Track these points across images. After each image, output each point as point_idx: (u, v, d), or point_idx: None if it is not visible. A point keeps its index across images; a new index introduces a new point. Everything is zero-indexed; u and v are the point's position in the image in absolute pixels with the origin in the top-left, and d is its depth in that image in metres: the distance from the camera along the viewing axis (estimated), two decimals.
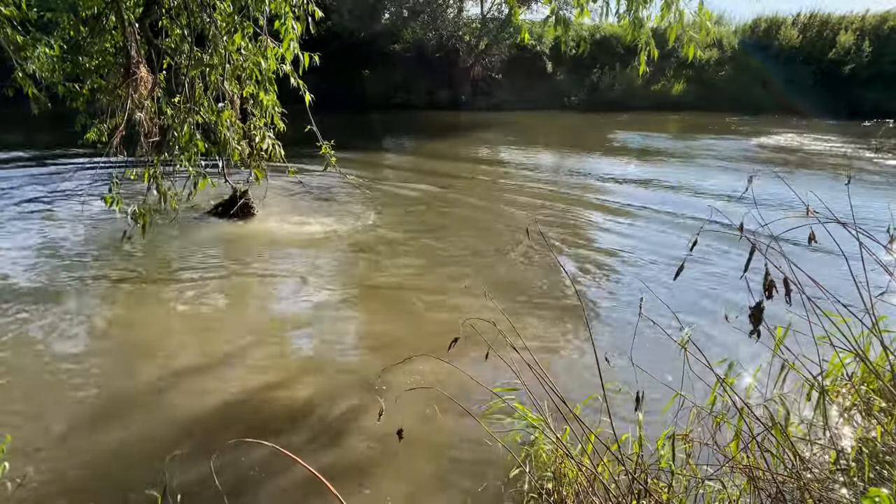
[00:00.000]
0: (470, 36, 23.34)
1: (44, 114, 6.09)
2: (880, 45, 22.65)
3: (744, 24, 25.58)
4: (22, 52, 5.70)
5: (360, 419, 3.50)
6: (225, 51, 5.01)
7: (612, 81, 23.47)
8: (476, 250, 6.64)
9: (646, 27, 4.07)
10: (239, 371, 4.04)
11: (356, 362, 4.26)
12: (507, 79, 23.58)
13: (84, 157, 10.83)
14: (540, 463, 2.82)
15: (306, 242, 6.81)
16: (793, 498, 2.08)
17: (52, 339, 4.41)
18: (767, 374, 2.75)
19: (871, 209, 8.17)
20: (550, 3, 4.21)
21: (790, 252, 2.17)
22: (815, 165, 12.34)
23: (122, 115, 4.76)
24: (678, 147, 15.09)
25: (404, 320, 4.92)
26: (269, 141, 5.69)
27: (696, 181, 10.60)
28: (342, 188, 9.48)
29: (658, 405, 2.91)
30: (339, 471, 3.07)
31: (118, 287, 5.42)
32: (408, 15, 23.79)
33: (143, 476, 2.89)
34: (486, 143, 15.61)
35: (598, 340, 4.50)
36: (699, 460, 2.48)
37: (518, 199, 9.20)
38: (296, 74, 4.98)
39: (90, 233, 6.89)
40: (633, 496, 2.19)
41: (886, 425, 2.33)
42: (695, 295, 5.33)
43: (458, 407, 2.48)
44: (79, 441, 3.29)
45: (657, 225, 7.75)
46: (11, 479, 2.73)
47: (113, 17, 5.42)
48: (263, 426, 3.44)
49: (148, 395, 3.74)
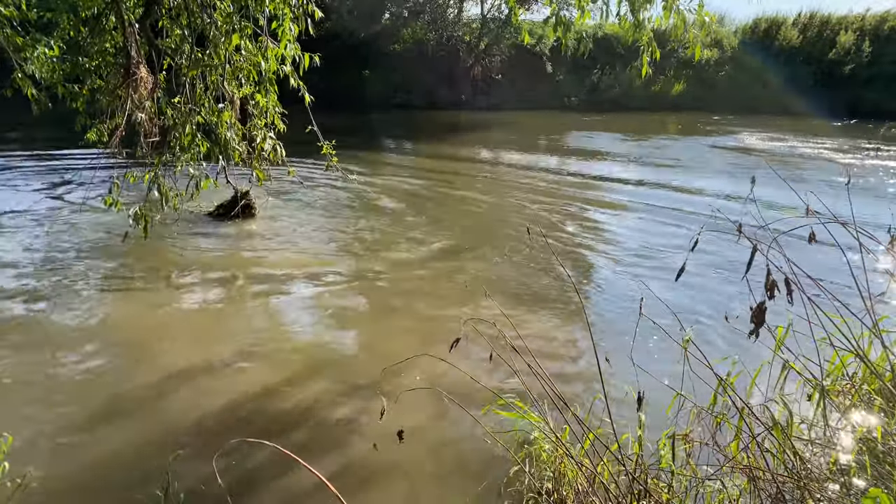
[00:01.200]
0: (470, 36, 23.35)
1: (44, 114, 6.09)
2: (880, 46, 22.66)
3: (744, 25, 25.61)
4: (22, 52, 5.70)
5: (361, 419, 3.51)
6: (225, 51, 5.02)
7: (612, 82, 23.48)
8: (476, 250, 6.64)
9: (647, 28, 4.07)
10: (240, 371, 4.04)
11: (356, 362, 4.26)
12: (507, 79, 23.59)
13: (85, 158, 10.84)
14: (540, 462, 2.82)
15: (307, 243, 6.81)
16: (793, 498, 2.09)
17: (52, 339, 4.41)
18: (768, 375, 2.75)
19: (871, 209, 8.18)
20: (551, 3, 4.21)
21: (790, 252, 2.17)
22: (816, 166, 12.34)
23: (122, 115, 4.77)
24: (680, 147, 15.09)
25: (405, 320, 4.93)
26: (271, 142, 5.69)
27: (698, 181, 10.61)
28: (343, 188, 9.48)
29: (658, 405, 2.91)
30: (339, 471, 3.07)
31: (120, 287, 5.42)
32: (408, 15, 23.81)
33: (146, 476, 2.89)
34: (487, 142, 15.61)
35: (599, 340, 4.50)
36: (699, 460, 2.48)
37: (518, 199, 9.20)
38: (296, 75, 4.99)
39: (91, 233, 6.88)
40: (633, 496, 2.19)
41: (886, 425, 2.33)
42: (695, 294, 5.33)
43: (458, 407, 2.48)
44: (80, 440, 3.29)
45: (658, 224, 7.76)
46: (12, 479, 2.73)
47: (113, 18, 5.43)
48: (265, 426, 3.44)
49: (150, 395, 3.74)
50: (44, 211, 7.73)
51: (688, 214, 8.19)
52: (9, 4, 5.46)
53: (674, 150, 14.42)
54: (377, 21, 23.61)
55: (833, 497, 2.02)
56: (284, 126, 5.81)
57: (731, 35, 24.71)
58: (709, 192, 9.64)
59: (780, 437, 2.15)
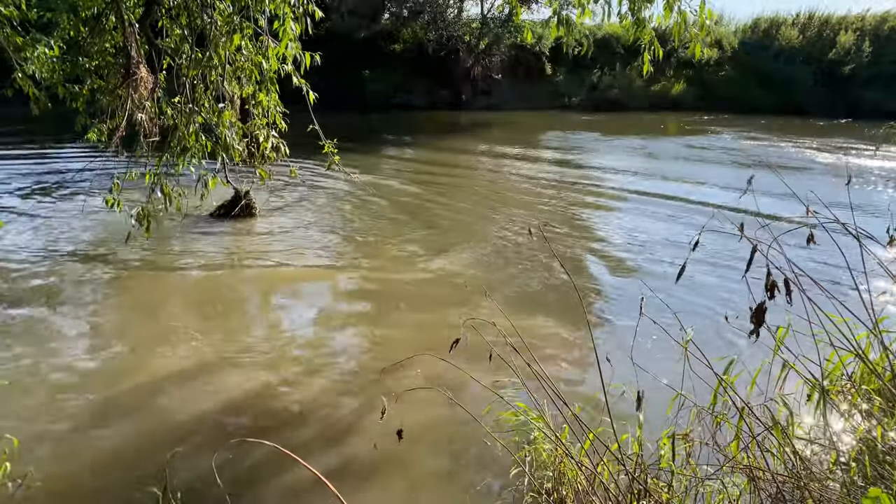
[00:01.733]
0: (470, 36, 23.34)
1: (44, 114, 6.08)
2: (880, 46, 22.63)
3: (744, 24, 25.57)
4: (21, 52, 5.69)
5: (361, 419, 3.51)
6: (225, 51, 5.01)
7: (612, 82, 23.46)
8: (476, 250, 6.64)
9: (648, 27, 4.07)
10: (239, 371, 4.04)
11: (356, 362, 4.26)
12: (507, 79, 23.58)
13: (86, 159, 10.85)
14: (540, 462, 2.82)
15: (307, 242, 6.81)
16: (793, 498, 2.08)
17: (52, 338, 4.41)
18: (768, 374, 2.75)
19: (871, 209, 8.18)
20: (552, 3, 4.20)
21: (790, 252, 2.17)
22: (816, 166, 12.33)
23: (123, 115, 4.76)
24: (680, 147, 15.09)
25: (405, 319, 4.93)
26: (274, 140, 5.68)
27: (698, 181, 10.61)
28: (343, 188, 9.48)
29: (659, 405, 2.91)
30: (339, 470, 3.07)
31: (120, 287, 5.42)
32: (408, 15, 23.79)
33: (144, 474, 2.90)
34: (487, 142, 15.61)
35: (599, 340, 4.51)
36: (699, 460, 2.48)
37: (518, 199, 9.20)
38: (298, 74, 4.99)
39: (91, 233, 6.89)
40: (633, 496, 2.19)
41: (886, 425, 2.33)
42: (696, 294, 5.33)
43: (458, 406, 2.48)
44: (80, 440, 3.30)
45: (659, 225, 7.75)
46: (13, 479, 2.73)
47: (113, 18, 5.42)
48: (264, 425, 3.44)
49: (149, 394, 3.74)
50: (44, 211, 7.73)
51: (688, 214, 8.19)
52: (9, 4, 5.45)
53: (673, 150, 14.42)
54: (377, 21, 23.60)
55: (833, 497, 2.02)
56: (286, 126, 5.81)
57: (730, 35, 24.68)
58: (709, 192, 9.64)
59: (779, 436, 2.15)
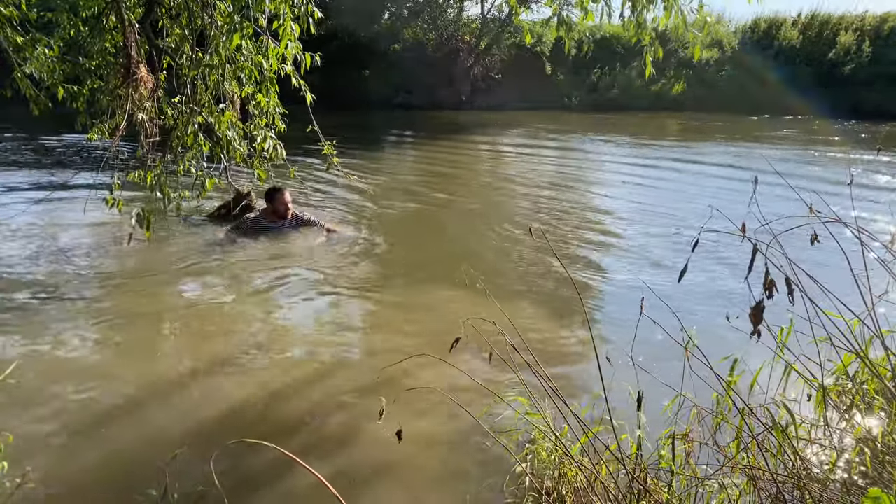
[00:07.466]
0: (470, 36, 23.34)
1: (44, 112, 6.08)
2: (880, 46, 22.62)
3: (744, 25, 25.56)
4: (21, 52, 5.69)
5: (360, 419, 3.50)
6: (226, 51, 5.01)
7: (612, 82, 23.45)
8: (477, 249, 6.64)
9: (648, 29, 4.07)
10: (239, 372, 4.04)
11: (356, 362, 4.26)
12: (507, 79, 23.58)
13: (85, 159, 10.85)
14: (540, 462, 2.82)
15: (307, 243, 6.80)
16: (793, 498, 2.08)
17: (51, 339, 4.41)
18: (768, 374, 2.75)
19: (871, 210, 8.17)
20: (552, 3, 4.20)
21: (791, 252, 2.17)
22: (817, 165, 12.33)
23: (123, 115, 4.76)
24: (680, 147, 15.09)
25: (405, 320, 4.92)
26: (272, 141, 5.68)
27: (698, 180, 10.61)
28: (343, 188, 9.47)
29: (659, 405, 2.91)
30: (338, 471, 3.07)
31: (119, 288, 5.42)
32: (408, 15, 23.79)
33: (143, 476, 2.89)
34: (487, 142, 15.61)
35: (599, 339, 4.50)
36: (699, 460, 2.48)
37: (519, 198, 9.20)
38: (297, 75, 4.99)
39: (91, 233, 6.88)
40: (633, 496, 2.19)
41: (886, 425, 2.33)
42: (696, 294, 5.32)
43: (458, 406, 2.48)
44: (79, 440, 3.29)
45: (659, 225, 7.75)
46: (10, 479, 2.73)
47: (113, 17, 5.42)
48: (263, 427, 3.44)
49: (148, 396, 3.74)
50: (45, 211, 7.73)
51: (688, 214, 8.18)
52: (9, 4, 5.45)
53: (673, 150, 14.41)
54: (377, 21, 23.60)
55: (833, 497, 2.02)
56: (284, 126, 5.80)
57: (730, 35, 24.67)
58: (709, 192, 9.63)
59: (779, 437, 2.15)
